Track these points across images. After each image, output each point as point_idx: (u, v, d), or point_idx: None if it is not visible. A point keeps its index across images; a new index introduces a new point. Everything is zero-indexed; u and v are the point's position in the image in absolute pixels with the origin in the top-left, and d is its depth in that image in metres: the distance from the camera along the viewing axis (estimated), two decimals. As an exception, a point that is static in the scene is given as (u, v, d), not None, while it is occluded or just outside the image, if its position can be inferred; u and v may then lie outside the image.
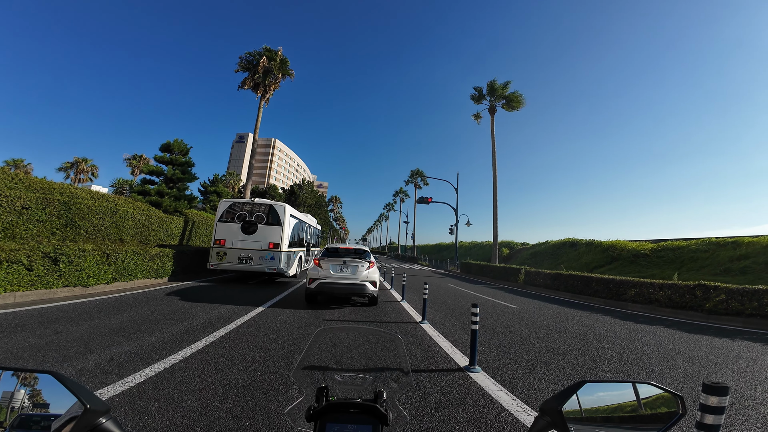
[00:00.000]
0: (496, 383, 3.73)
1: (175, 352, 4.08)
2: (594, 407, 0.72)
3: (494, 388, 3.60)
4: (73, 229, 10.78)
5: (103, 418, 0.59)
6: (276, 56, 20.65)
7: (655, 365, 4.82)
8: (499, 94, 24.19)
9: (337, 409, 0.73)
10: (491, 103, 25.14)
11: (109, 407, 0.62)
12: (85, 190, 11.79)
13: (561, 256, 26.06)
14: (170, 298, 7.86)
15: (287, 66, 21.42)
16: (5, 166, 40.25)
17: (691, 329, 7.81)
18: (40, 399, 0.61)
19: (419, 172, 52.20)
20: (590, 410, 0.71)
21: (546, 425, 0.70)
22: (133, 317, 5.75)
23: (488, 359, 4.61)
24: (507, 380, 3.86)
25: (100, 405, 0.59)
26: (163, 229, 15.23)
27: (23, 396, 0.61)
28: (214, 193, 28.17)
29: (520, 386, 3.71)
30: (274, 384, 3.34)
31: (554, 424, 0.69)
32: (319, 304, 8.05)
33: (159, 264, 10.19)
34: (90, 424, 0.57)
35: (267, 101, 20.66)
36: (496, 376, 3.95)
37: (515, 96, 24.03)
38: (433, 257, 48.19)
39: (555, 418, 0.69)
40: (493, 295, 12.69)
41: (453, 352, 4.81)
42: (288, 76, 21.86)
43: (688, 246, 18.76)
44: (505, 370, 4.19)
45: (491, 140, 24.96)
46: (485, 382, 3.74)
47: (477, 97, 25.50)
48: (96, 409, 0.58)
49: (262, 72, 19.84)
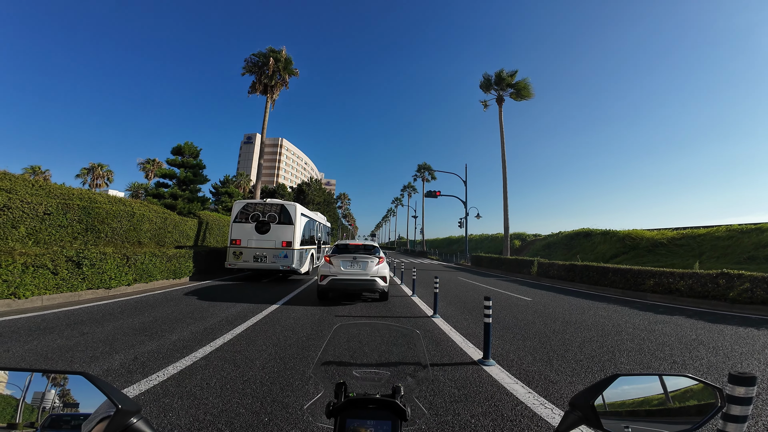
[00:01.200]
0: (512, 376, 3.71)
1: (195, 350, 4.20)
2: (627, 401, 0.71)
3: (509, 381, 3.58)
4: (93, 233, 11.17)
5: (134, 418, 0.59)
6: (280, 56, 20.74)
7: (677, 356, 4.70)
8: (507, 83, 23.68)
9: (356, 404, 0.73)
10: (499, 93, 24.65)
11: (140, 407, 0.62)
12: (102, 195, 12.16)
13: (575, 247, 25.55)
14: (188, 297, 8.08)
15: (291, 66, 21.49)
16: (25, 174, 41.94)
17: (715, 319, 7.57)
18: (72, 399, 0.62)
19: (427, 166, 51.84)
20: (623, 404, 0.70)
21: (577, 420, 0.69)
22: (154, 317, 5.95)
23: (502, 352, 4.58)
24: (522, 373, 3.83)
25: (132, 405, 0.60)
26: (178, 231, 15.62)
27: (55, 397, 0.62)
28: (225, 194, 28.68)
29: (536, 379, 3.67)
30: (291, 380, 3.41)
31: (585, 419, 0.68)
32: (331, 300, 8.15)
33: (176, 265, 10.48)
34: (122, 425, 0.58)
35: (273, 102, 20.82)
36: (511, 369, 3.92)
37: (523, 85, 23.48)
38: (443, 251, 48.01)
39: (586, 412, 0.68)
40: (505, 288, 12.57)
41: (466, 346, 4.80)
42: (293, 75, 21.96)
43: (709, 233, 18.12)
44: (520, 363, 4.16)
45: (500, 130, 24.53)
46: (500, 375, 3.72)
47: (486, 85, 25.02)
48: (127, 409, 0.59)
49: (271, 73, 19.96)
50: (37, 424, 0.60)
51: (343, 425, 0.72)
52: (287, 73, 21.12)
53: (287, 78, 20.89)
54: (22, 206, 8.74)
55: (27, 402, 0.62)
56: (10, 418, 0.60)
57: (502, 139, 24.44)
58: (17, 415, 0.60)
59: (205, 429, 2.47)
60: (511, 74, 23.68)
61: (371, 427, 0.71)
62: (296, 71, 21.86)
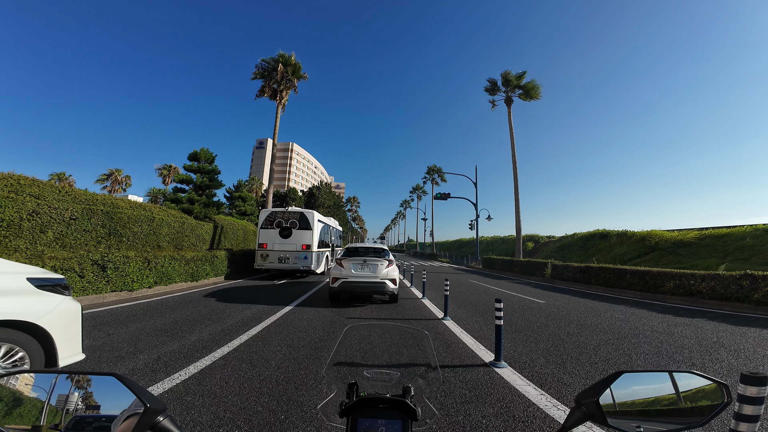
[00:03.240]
0: (524, 378, 3.71)
1: (214, 351, 4.37)
2: (632, 399, 0.72)
3: (521, 383, 3.58)
4: (116, 238, 11.66)
5: (161, 416, 0.62)
6: (289, 61, 21.17)
7: (696, 358, 4.58)
8: (515, 85, 23.48)
9: (367, 404, 0.75)
10: (507, 94, 24.45)
11: (166, 406, 0.64)
12: (124, 200, 12.68)
13: (591, 248, 24.95)
14: (206, 299, 8.34)
15: (300, 71, 21.88)
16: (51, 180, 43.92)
17: (738, 321, 7.30)
18: (102, 400, 0.65)
19: (436, 168, 51.69)
20: (628, 402, 0.71)
21: (582, 416, 0.70)
22: (175, 318, 6.18)
23: (515, 355, 4.57)
24: (535, 375, 3.82)
25: (158, 404, 0.62)
26: (195, 235, 16.10)
27: (87, 397, 0.66)
28: (239, 198, 29.36)
29: (549, 381, 3.66)
30: (305, 379, 3.51)
31: (591, 415, 0.69)
32: (342, 302, 8.28)
33: (194, 268, 10.81)
34: (150, 423, 0.60)
35: (283, 107, 21.24)
36: (523, 372, 3.92)
37: (532, 86, 23.23)
38: (454, 254, 47.66)
39: (592, 409, 0.69)
40: (518, 291, 12.41)
41: (477, 348, 4.81)
42: (302, 79, 22.35)
43: (733, 234, 17.41)
44: (532, 366, 4.14)
45: (509, 131, 24.29)
46: (512, 377, 3.72)
47: (491, 89, 24.90)
48: (155, 408, 0.61)
49: (279, 78, 20.39)
50: (69, 425, 0.63)
51: (354, 425, 0.73)
52: (296, 77, 21.52)
53: (296, 82, 21.28)
54: (49, 211, 9.21)
55: (59, 403, 0.64)
56: (47, 418, 0.62)
57: (512, 140, 24.19)
58: (53, 415, 0.63)
59: (225, 426, 2.59)
60: (518, 76, 23.48)
61: (382, 427, 0.72)
62: (305, 75, 22.24)
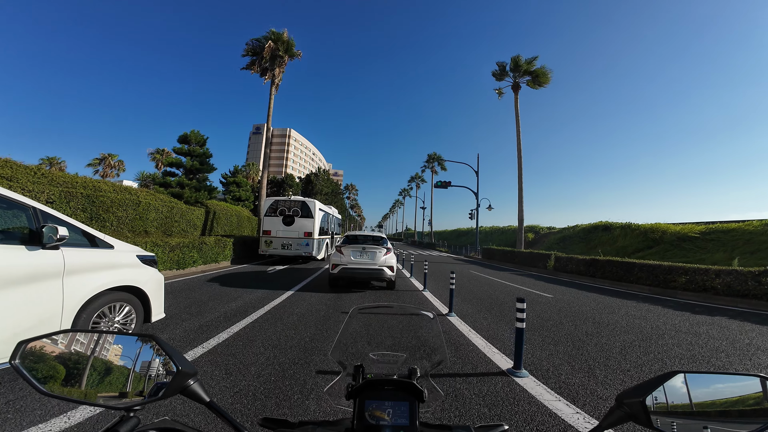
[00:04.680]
0: (551, 391, 3.16)
1: (195, 348, 3.78)
2: (684, 401, 0.65)
3: (550, 397, 3.03)
4: (99, 222, 10.95)
5: (191, 380, 0.66)
6: (282, 38, 20.01)
7: (736, 363, 4.08)
8: (524, 70, 22.44)
9: (374, 386, 0.74)
10: (515, 80, 23.43)
11: (197, 371, 0.68)
12: (108, 184, 11.91)
13: (593, 241, 24.49)
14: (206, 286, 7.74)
15: (293, 48, 20.73)
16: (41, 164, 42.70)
17: (761, 320, 6.84)
18: (140, 359, 0.68)
19: (436, 156, 50.61)
20: (679, 405, 0.64)
21: (623, 416, 0.65)
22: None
23: (534, 360, 4.02)
24: (563, 387, 3.27)
25: (190, 368, 0.67)
26: (185, 220, 15.40)
27: (127, 356, 0.69)
28: (233, 183, 28.50)
29: (581, 395, 3.11)
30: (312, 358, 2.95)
31: (633, 416, 0.64)
32: (341, 288, 8.37)
33: (180, 255, 10.18)
34: (181, 385, 0.65)
35: (277, 87, 20.16)
36: (549, 382, 3.37)
37: (542, 71, 22.17)
38: (452, 243, 47.32)
39: (635, 409, 0.64)
40: (521, 283, 11.91)
41: (490, 351, 4.26)
42: (296, 57, 21.23)
43: (741, 228, 16.96)
44: (557, 374, 3.60)
45: (515, 119, 23.40)
46: (537, 390, 3.17)
47: (499, 73, 23.84)
48: (186, 371, 0.65)
49: (269, 57, 19.27)
50: (117, 382, 0.67)
51: (362, 406, 0.71)
52: (288, 55, 20.39)
53: (287, 59, 20.12)
54: (23, 195, 8.50)
55: (100, 362, 0.68)
56: (91, 377, 0.66)
57: (518, 127, 23.33)
58: (95, 375, 0.67)
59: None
60: (529, 61, 22.40)
61: (389, 408, 0.71)
62: (299, 53, 21.08)
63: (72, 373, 0.66)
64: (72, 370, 0.66)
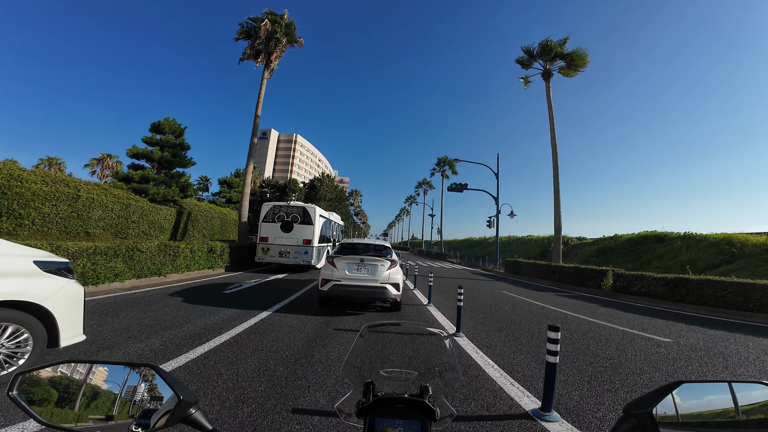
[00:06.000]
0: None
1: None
2: (692, 411, 0.64)
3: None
4: (11, 220, 8.41)
5: (193, 408, 0.63)
6: (281, 20, 17.72)
7: None
8: (557, 54, 19.27)
9: (384, 404, 0.72)
10: (545, 67, 20.32)
11: (198, 399, 0.66)
12: (33, 173, 9.42)
13: (645, 254, 20.89)
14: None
15: (294, 32, 18.42)
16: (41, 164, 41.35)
17: None
18: (139, 389, 0.66)
19: (447, 160, 47.45)
20: (687, 415, 0.63)
21: (631, 428, 0.63)
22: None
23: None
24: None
25: (191, 397, 0.64)
26: (147, 221, 12.84)
27: (128, 386, 0.66)
28: (224, 183, 26.16)
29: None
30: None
31: (641, 427, 0.62)
32: (333, 309, 6.74)
33: (88, 265, 7.38)
34: (183, 414, 0.62)
35: (271, 72, 17.78)
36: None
37: (577, 54, 18.84)
38: (463, 254, 44.09)
39: (643, 420, 0.62)
40: (584, 312, 8.51)
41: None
42: (296, 45, 18.91)
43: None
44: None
45: (548, 111, 20.32)
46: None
47: (525, 61, 20.88)
48: (187, 400, 0.63)
49: (265, 37, 16.94)
50: (111, 414, 0.64)
51: (372, 424, 0.71)
52: (289, 40, 18.06)
53: (285, 43, 17.75)
54: None
55: (101, 393, 0.66)
56: (92, 407, 0.64)
57: (551, 120, 20.27)
58: (96, 405, 0.64)
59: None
60: (561, 42, 19.39)
61: (400, 427, 0.70)
62: (300, 40, 18.80)
63: (72, 404, 0.64)
64: (72, 401, 0.64)
